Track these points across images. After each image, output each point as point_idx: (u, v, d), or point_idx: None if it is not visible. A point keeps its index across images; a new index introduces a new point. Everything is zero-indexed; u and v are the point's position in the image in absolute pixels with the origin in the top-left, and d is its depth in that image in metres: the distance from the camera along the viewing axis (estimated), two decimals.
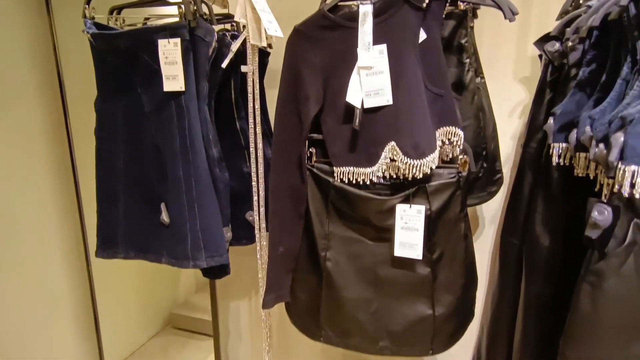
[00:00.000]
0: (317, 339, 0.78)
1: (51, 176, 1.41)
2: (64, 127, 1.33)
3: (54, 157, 1.39)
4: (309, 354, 1.32)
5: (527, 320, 0.85)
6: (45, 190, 1.42)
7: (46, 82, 1.30)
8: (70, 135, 1.30)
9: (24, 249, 1.37)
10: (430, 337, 0.72)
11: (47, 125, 1.33)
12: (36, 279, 1.46)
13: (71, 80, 1.32)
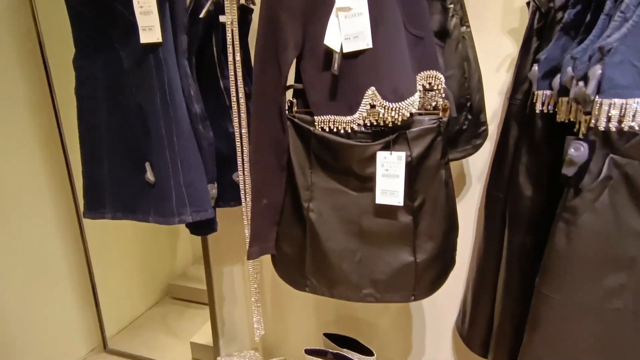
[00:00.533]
0: (302, 289, 0.80)
1: (39, 141, 1.40)
2: (47, 87, 1.30)
3: (40, 121, 1.37)
4: (303, 316, 1.35)
5: (509, 270, 0.87)
6: (34, 159, 1.41)
7: (26, 43, 1.27)
8: (54, 95, 1.27)
9: (15, 219, 1.38)
10: (412, 283, 0.74)
11: (30, 87, 1.30)
12: (31, 250, 1.47)
13: (51, 39, 1.28)
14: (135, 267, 2.02)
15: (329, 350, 1.01)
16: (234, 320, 1.48)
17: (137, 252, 2.03)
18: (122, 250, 1.94)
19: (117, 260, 1.91)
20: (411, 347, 1.25)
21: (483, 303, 0.98)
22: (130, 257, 2.00)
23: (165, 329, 1.91)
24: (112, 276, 1.87)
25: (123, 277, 1.95)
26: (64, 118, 1.36)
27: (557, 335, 0.62)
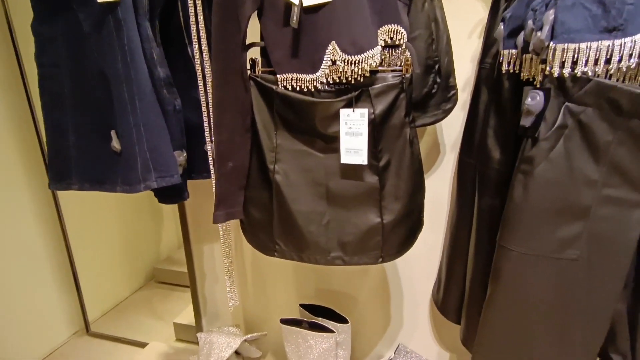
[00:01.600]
0: (271, 254, 0.80)
1: (10, 122, 1.37)
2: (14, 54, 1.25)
3: (11, 98, 1.33)
4: (284, 292, 1.36)
5: (479, 234, 0.87)
6: (6, 139, 1.38)
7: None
8: (24, 72, 1.24)
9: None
10: (379, 245, 0.74)
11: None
12: (7, 234, 1.45)
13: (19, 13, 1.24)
14: (119, 252, 2.01)
15: (304, 319, 1.01)
16: (216, 299, 1.48)
17: (120, 237, 2.01)
18: (105, 235, 1.93)
19: (100, 245, 1.89)
20: (390, 318, 1.26)
21: (456, 270, 1.00)
22: (114, 241, 1.98)
23: (149, 312, 1.91)
24: (94, 260, 1.86)
25: (106, 261, 1.93)
26: (34, 93, 1.32)
27: (516, 287, 0.62)
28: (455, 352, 1.23)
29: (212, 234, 1.40)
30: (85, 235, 1.82)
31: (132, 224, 2.09)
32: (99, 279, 1.88)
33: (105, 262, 1.93)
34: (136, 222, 2.12)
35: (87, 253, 1.82)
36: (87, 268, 1.81)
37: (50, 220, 1.63)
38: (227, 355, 1.16)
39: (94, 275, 1.85)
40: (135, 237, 2.11)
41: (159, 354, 1.44)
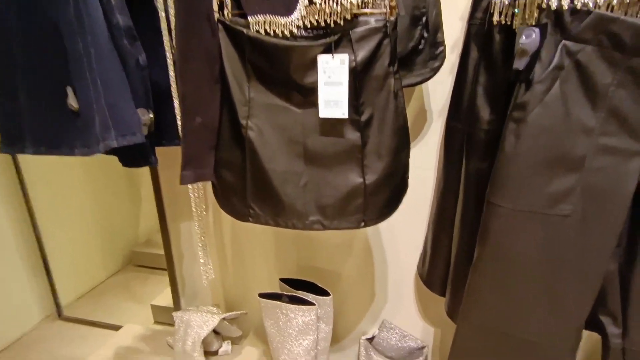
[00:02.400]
0: (245, 219, 0.74)
1: None
2: None
3: None
4: (265, 270, 1.31)
5: (465, 201, 0.83)
6: None
7: None
8: None
9: None
10: (361, 208, 0.69)
11: None
12: None
13: None
14: (94, 234, 1.92)
15: (284, 293, 0.97)
16: (195, 279, 1.42)
17: (95, 219, 1.92)
18: (78, 217, 1.84)
19: (72, 227, 1.80)
20: (374, 294, 1.23)
21: (442, 241, 0.96)
22: (88, 224, 1.89)
23: (127, 296, 1.84)
24: (66, 243, 1.77)
25: (79, 244, 1.84)
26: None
27: (504, 247, 0.58)
28: (439, 326, 1.20)
29: (191, 211, 1.33)
30: (56, 216, 1.72)
31: (107, 206, 2.00)
32: (72, 261, 1.80)
33: (78, 244, 1.84)
34: (112, 204, 2.02)
35: (58, 235, 1.73)
36: (59, 251, 1.72)
37: (16, 200, 1.53)
38: (204, 333, 1.11)
39: (67, 258, 1.76)
40: (112, 219, 2.02)
41: (134, 336, 1.37)
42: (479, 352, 0.65)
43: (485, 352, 0.64)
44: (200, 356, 1.09)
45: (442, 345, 1.22)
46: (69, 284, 1.76)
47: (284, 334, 0.92)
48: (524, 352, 0.62)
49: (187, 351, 1.10)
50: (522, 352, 0.62)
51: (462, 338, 0.66)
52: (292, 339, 0.91)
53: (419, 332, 1.22)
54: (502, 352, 0.63)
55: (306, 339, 0.90)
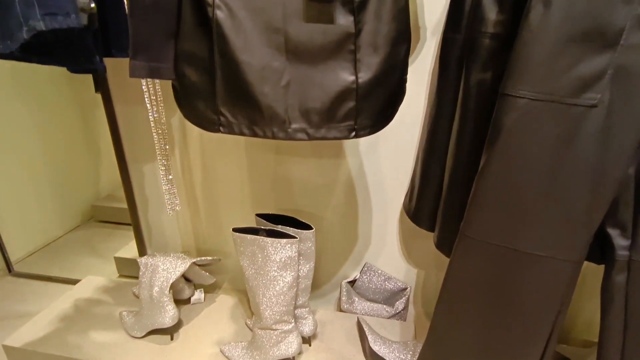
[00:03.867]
0: (214, 129, 0.62)
1: None
2: None
3: None
4: (239, 215, 1.20)
5: (464, 117, 0.75)
6: None
7: None
8: None
9: None
10: (353, 113, 0.59)
11: None
12: None
13: None
14: (46, 188, 1.73)
15: (261, 228, 0.87)
16: (163, 226, 1.30)
17: (48, 173, 1.73)
18: (28, 171, 1.64)
19: (22, 181, 1.61)
20: (357, 237, 1.16)
21: (433, 171, 0.89)
22: (40, 178, 1.70)
23: (88, 251, 1.69)
24: (14, 197, 1.58)
25: (30, 198, 1.66)
26: None
27: (516, 146, 0.51)
28: (423, 268, 1.17)
29: (152, 150, 1.18)
30: (2, 170, 1.53)
31: (61, 158, 1.80)
32: (22, 216, 1.62)
33: (29, 198, 1.65)
34: (67, 156, 1.83)
35: (3, 188, 1.54)
36: (6, 205, 1.54)
37: None
38: (173, 278, 1.01)
39: (15, 212, 1.58)
40: (67, 172, 1.83)
41: (96, 289, 1.26)
42: (479, 271, 0.59)
43: (486, 270, 0.58)
44: (169, 302, 1.00)
45: (424, 287, 1.19)
46: (18, 240, 1.59)
47: (261, 272, 0.84)
48: (529, 267, 0.56)
49: (154, 297, 1.00)
50: (526, 267, 0.56)
51: (461, 258, 0.60)
52: (271, 277, 0.83)
53: (402, 274, 1.18)
54: (505, 269, 0.57)
55: (287, 276, 0.82)
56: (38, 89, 1.66)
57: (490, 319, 0.61)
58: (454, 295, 0.62)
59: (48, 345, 1.03)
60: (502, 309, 0.60)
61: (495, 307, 0.60)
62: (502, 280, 0.58)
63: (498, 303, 0.60)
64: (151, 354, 1.00)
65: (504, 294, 0.59)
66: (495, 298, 0.59)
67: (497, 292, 0.59)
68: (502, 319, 0.60)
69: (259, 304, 0.88)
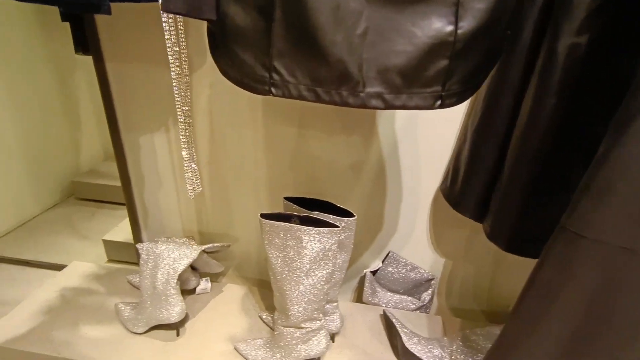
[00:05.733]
0: (264, 91, 0.49)
1: None
2: None
3: None
4: (251, 195, 1.07)
5: (544, 86, 0.63)
6: None
7: None
8: None
9: None
10: (443, 74, 0.46)
11: None
12: None
13: None
14: (17, 161, 1.52)
15: (293, 213, 0.75)
16: (160, 207, 1.15)
17: (19, 144, 1.52)
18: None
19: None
20: (382, 224, 1.06)
21: (486, 152, 0.78)
22: (9, 149, 1.48)
23: (69, 232, 1.52)
24: None
25: (1, 172, 1.45)
26: None
27: None
28: (451, 258, 1.08)
29: (149, 119, 1.02)
30: None
31: (37, 129, 1.59)
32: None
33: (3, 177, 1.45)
34: (43, 126, 1.62)
35: None
36: None
37: None
38: (182, 268, 0.88)
39: None
40: (43, 144, 1.62)
41: (83, 276, 1.11)
42: (581, 274, 0.49)
43: (589, 273, 0.49)
44: (176, 294, 0.87)
45: (450, 279, 1.11)
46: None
47: (293, 265, 0.72)
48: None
49: (158, 289, 0.87)
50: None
51: (559, 257, 0.50)
52: (304, 270, 0.71)
53: (427, 264, 1.10)
54: (616, 273, 0.47)
55: (323, 270, 0.71)
56: (8, 48, 1.42)
57: (582, 330, 0.52)
58: (543, 299, 0.53)
59: (31, 342, 0.89)
60: (600, 321, 0.51)
61: (591, 318, 0.51)
62: (607, 287, 0.49)
63: (595, 313, 0.50)
64: (154, 352, 0.88)
65: (605, 303, 0.49)
66: (594, 307, 0.50)
67: (597, 301, 0.50)
68: (597, 330, 0.51)
69: (287, 299, 0.76)
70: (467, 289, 1.11)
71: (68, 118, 1.74)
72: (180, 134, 0.59)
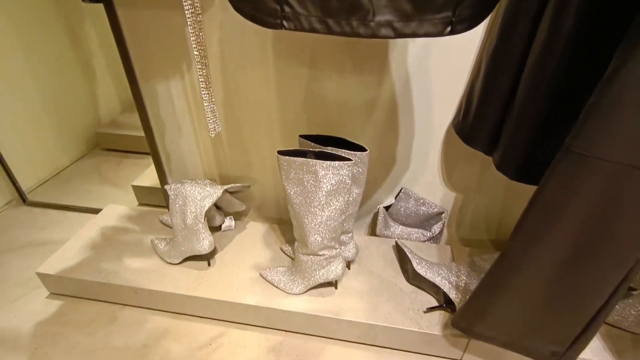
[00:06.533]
0: (276, 25, 0.50)
1: None
2: None
3: None
4: (267, 138, 1.11)
5: (562, 5, 0.62)
6: None
7: None
8: None
9: None
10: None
11: None
12: None
13: None
14: (43, 116, 1.58)
15: (308, 149, 0.79)
16: (182, 153, 1.21)
17: (42, 100, 1.57)
18: (23, 100, 1.48)
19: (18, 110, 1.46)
20: (395, 161, 1.09)
21: (500, 81, 0.78)
22: (34, 106, 1.54)
23: (100, 179, 1.62)
24: (12, 129, 1.45)
25: (29, 128, 1.52)
26: None
27: None
28: (462, 192, 1.12)
29: (165, 67, 1.04)
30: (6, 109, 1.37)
31: (54, 83, 1.62)
32: (25, 147, 1.50)
33: (27, 127, 1.52)
34: (60, 80, 1.65)
35: (9, 128, 1.40)
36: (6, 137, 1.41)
37: None
38: (208, 205, 0.96)
39: (16, 141, 1.46)
40: (62, 98, 1.67)
41: (120, 217, 1.21)
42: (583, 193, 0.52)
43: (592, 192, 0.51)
44: (205, 229, 0.95)
45: (460, 211, 1.16)
46: (26, 169, 1.50)
47: (310, 198, 0.77)
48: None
49: (188, 225, 0.96)
50: None
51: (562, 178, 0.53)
52: (321, 202, 0.77)
53: (439, 198, 1.15)
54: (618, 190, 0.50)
55: (338, 202, 0.76)
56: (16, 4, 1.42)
57: (580, 246, 0.57)
58: (545, 217, 0.57)
59: (83, 271, 1.01)
60: (599, 235, 0.55)
61: (590, 233, 0.55)
62: (608, 204, 0.52)
63: (595, 228, 0.54)
64: (189, 279, 0.99)
65: (605, 218, 0.53)
66: (595, 222, 0.54)
67: (598, 216, 0.53)
68: (595, 245, 0.56)
69: (305, 230, 0.83)
70: (478, 221, 1.16)
71: (83, 70, 1.76)
72: (197, 74, 0.62)
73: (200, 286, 0.97)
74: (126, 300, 1.01)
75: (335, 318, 0.90)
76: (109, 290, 1.00)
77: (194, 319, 0.99)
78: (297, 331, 0.96)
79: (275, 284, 0.96)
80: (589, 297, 0.62)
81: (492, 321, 0.72)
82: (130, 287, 0.97)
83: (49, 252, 1.19)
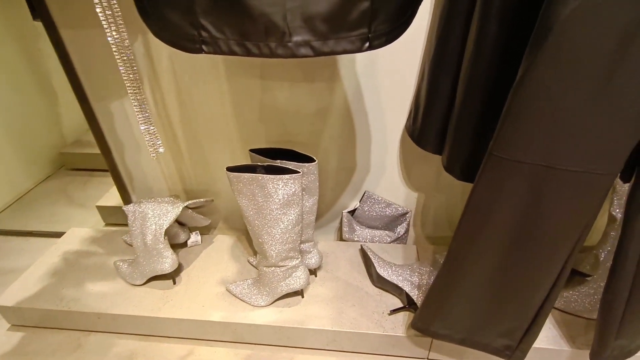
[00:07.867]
0: (195, 49, 0.50)
1: None
2: None
3: None
4: (227, 153, 1.10)
5: (486, 11, 0.64)
6: None
7: None
8: None
9: None
10: (367, 16, 0.48)
11: None
12: None
13: None
14: (4, 138, 1.54)
15: (258, 164, 0.79)
16: (144, 170, 1.19)
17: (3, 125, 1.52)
18: None
19: None
20: (355, 165, 1.10)
21: (442, 84, 0.79)
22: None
23: (66, 201, 1.58)
24: None
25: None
26: None
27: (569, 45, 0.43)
28: (423, 191, 1.14)
29: (116, 83, 1.02)
30: None
31: (13, 104, 1.58)
32: None
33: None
34: (19, 100, 1.60)
35: None
36: None
37: None
38: (166, 224, 0.95)
39: None
40: (23, 118, 1.63)
41: (82, 240, 1.19)
42: (508, 193, 0.54)
43: (515, 191, 0.54)
44: (166, 248, 0.95)
45: (424, 210, 1.18)
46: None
47: (263, 212, 0.78)
48: (564, 184, 0.52)
49: (149, 245, 0.95)
50: (562, 185, 0.52)
51: (488, 180, 0.55)
52: (273, 216, 0.77)
53: (401, 199, 1.16)
54: (536, 188, 0.52)
55: (291, 214, 0.77)
56: None
57: (514, 241, 0.59)
58: (478, 218, 0.59)
59: (43, 300, 0.99)
60: (529, 229, 0.57)
61: (521, 228, 0.57)
62: (532, 201, 0.54)
63: (525, 224, 0.57)
64: (155, 299, 0.98)
65: (532, 214, 0.55)
66: (523, 218, 0.56)
67: (524, 213, 0.56)
68: (527, 240, 0.58)
69: (262, 243, 0.84)
70: (441, 218, 1.19)
71: (41, 89, 1.72)
72: (130, 98, 0.61)
73: (165, 306, 0.96)
74: (90, 327, 0.99)
75: (302, 328, 0.90)
76: (71, 318, 0.98)
77: (162, 339, 0.98)
78: (265, 343, 0.96)
79: (242, 298, 0.96)
80: (531, 289, 0.65)
81: (445, 320, 0.73)
82: (92, 313, 0.96)
83: (11, 282, 1.16)
